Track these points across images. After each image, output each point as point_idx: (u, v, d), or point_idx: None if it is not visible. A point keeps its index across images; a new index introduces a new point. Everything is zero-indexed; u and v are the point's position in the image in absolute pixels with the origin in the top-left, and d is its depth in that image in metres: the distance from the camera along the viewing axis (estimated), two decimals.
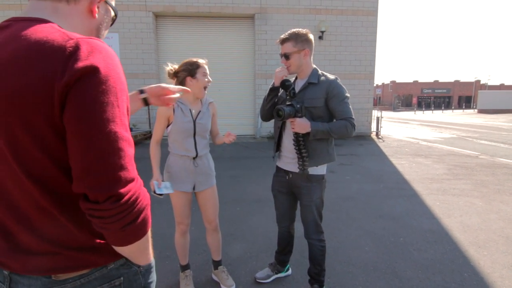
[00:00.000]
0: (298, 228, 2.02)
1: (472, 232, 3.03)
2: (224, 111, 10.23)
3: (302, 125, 1.73)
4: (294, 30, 1.81)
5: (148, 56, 9.81)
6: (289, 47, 1.79)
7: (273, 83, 1.87)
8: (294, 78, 1.98)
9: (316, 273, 1.99)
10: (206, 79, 1.91)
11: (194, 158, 1.95)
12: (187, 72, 1.88)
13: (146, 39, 9.72)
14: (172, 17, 10.05)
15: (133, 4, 9.53)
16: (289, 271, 2.32)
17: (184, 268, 2.14)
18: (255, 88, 10.27)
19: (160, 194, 1.80)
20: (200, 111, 1.97)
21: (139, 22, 9.63)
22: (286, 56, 1.81)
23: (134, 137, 8.74)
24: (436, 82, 52.39)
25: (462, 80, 52.76)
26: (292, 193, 2.02)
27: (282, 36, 1.82)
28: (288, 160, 1.93)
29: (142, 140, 9.38)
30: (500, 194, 4.27)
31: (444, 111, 37.97)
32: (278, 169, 2.05)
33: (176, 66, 1.94)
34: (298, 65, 1.83)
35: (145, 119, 10.02)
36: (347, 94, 1.82)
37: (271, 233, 2.89)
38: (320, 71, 1.88)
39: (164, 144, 1.91)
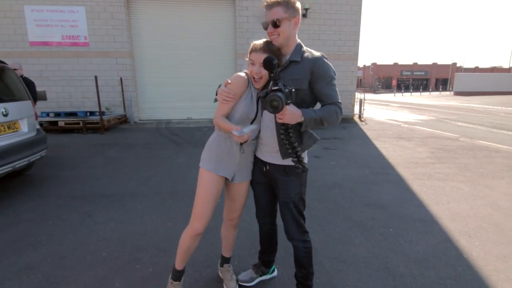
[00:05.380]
0: (281, 223, 1.75)
1: (462, 220, 2.94)
2: (203, 93, 9.75)
3: (293, 114, 1.40)
4: None
5: (119, 33, 9.05)
6: (279, 12, 1.45)
7: None
8: None
9: (303, 277, 1.77)
10: (250, 69, 1.59)
11: (241, 144, 1.65)
12: None
13: (116, 13, 8.92)
14: None
15: None
16: (275, 273, 2.10)
17: (176, 276, 1.79)
18: (236, 69, 9.80)
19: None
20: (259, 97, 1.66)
21: None
22: (275, 24, 1.47)
23: (108, 121, 8.10)
24: (415, 64, 53.18)
25: (440, 62, 53.75)
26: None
27: (271, 0, 1.48)
28: (266, 149, 1.65)
29: (116, 124, 8.78)
30: (483, 178, 4.25)
31: (422, 93, 38.91)
32: (256, 159, 1.76)
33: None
34: (287, 36, 1.50)
35: (119, 102, 9.38)
36: (334, 75, 1.53)
37: (254, 228, 2.65)
38: (304, 47, 1.57)
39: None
